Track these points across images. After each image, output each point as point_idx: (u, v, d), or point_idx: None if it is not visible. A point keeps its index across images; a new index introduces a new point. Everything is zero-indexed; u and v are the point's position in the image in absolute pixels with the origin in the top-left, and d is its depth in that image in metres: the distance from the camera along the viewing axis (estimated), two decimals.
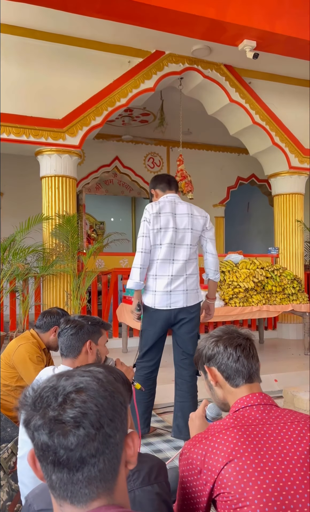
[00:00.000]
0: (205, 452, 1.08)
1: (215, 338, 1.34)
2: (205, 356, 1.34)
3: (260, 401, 1.21)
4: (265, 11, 4.47)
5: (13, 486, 1.94)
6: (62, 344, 1.92)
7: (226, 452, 1.05)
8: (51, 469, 0.71)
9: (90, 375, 0.76)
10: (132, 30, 4.85)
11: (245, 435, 1.08)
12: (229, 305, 4.90)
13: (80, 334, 1.90)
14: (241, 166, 9.76)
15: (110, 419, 0.72)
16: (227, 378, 1.29)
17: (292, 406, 3.31)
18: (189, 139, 8.93)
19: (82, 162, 8.19)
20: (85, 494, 0.71)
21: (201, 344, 1.37)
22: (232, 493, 1.02)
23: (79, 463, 0.70)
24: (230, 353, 1.29)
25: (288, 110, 6.29)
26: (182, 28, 4.50)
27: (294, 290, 5.26)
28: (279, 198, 6.62)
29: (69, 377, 0.75)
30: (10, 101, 4.97)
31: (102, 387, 0.74)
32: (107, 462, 0.72)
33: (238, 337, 1.33)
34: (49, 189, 5.30)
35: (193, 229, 2.87)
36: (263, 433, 1.09)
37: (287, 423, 1.13)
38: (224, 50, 5.24)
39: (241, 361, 1.28)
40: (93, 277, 5.33)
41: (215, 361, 1.31)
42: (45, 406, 0.71)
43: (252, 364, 1.29)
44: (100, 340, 1.96)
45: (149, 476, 1.07)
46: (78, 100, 5.25)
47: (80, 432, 0.69)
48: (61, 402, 0.70)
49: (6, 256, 4.97)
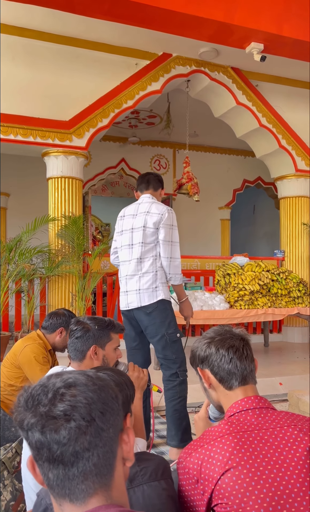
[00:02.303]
0: (201, 462, 1.06)
1: (207, 340, 1.31)
2: (198, 358, 1.31)
3: (255, 405, 1.17)
4: (273, 14, 4.47)
5: (17, 486, 1.94)
6: (70, 346, 1.90)
7: (222, 462, 1.03)
8: (47, 467, 0.72)
9: (80, 372, 0.78)
10: (140, 32, 4.87)
11: (241, 442, 1.06)
12: (234, 307, 4.89)
13: (85, 338, 1.86)
14: (247, 168, 9.75)
15: (101, 412, 0.72)
16: (220, 380, 1.26)
17: (297, 410, 3.29)
18: (195, 141, 8.94)
19: (89, 164, 8.21)
20: (82, 490, 0.71)
21: (194, 345, 1.35)
22: (229, 504, 1.00)
23: (74, 458, 0.70)
24: (222, 355, 1.26)
25: (295, 113, 6.28)
26: (190, 30, 4.51)
27: (300, 293, 5.24)
28: (285, 201, 6.61)
29: (59, 375, 0.76)
30: (17, 102, 5.00)
31: (91, 381, 0.75)
32: (101, 456, 0.72)
33: (230, 338, 1.29)
34: (55, 190, 5.31)
35: (145, 227, 2.75)
36: (259, 439, 1.07)
37: (283, 427, 1.10)
38: (231, 53, 5.25)
39: (234, 362, 1.24)
40: (99, 279, 5.33)
41: (208, 363, 1.28)
42: (36, 404, 0.72)
43: (246, 365, 1.25)
44: (108, 345, 1.90)
45: (156, 472, 1.10)
46: (85, 102, 5.27)
47: (71, 425, 0.69)
48: (51, 397, 0.71)
49: (12, 256, 4.99)
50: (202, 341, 1.32)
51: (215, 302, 4.85)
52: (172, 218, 2.76)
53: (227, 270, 5.24)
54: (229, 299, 4.93)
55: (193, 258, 6.95)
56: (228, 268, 5.26)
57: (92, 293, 5.38)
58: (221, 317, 4.73)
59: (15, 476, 1.98)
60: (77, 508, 0.72)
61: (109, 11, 4.17)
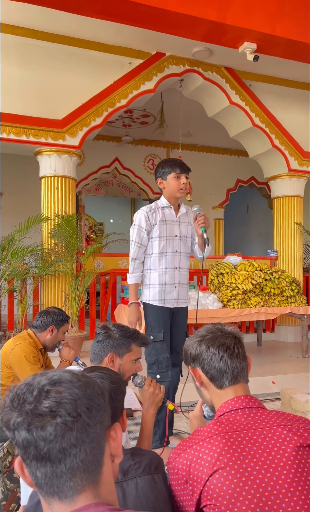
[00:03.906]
0: (190, 462, 1.06)
1: (198, 338, 1.29)
2: (189, 356, 1.30)
3: (245, 405, 1.17)
4: (266, 13, 4.48)
5: (9, 486, 1.93)
6: (91, 348, 1.90)
7: (210, 462, 1.03)
8: (34, 466, 0.71)
9: (65, 370, 0.78)
10: (133, 31, 4.86)
11: (230, 443, 1.05)
12: (227, 307, 4.90)
13: (105, 344, 1.84)
14: (241, 168, 9.77)
15: (87, 408, 0.72)
16: (211, 379, 1.25)
17: (289, 408, 3.30)
18: (188, 141, 8.95)
19: (82, 163, 8.19)
20: (71, 488, 0.71)
21: (186, 344, 1.33)
22: (217, 505, 1.00)
23: (61, 454, 0.70)
24: (213, 353, 1.24)
25: (288, 113, 6.30)
26: (183, 30, 4.51)
27: (293, 292, 5.26)
28: (278, 200, 6.63)
29: (44, 373, 0.76)
30: (10, 101, 4.98)
31: (76, 378, 0.75)
32: (89, 452, 0.72)
33: (221, 336, 1.27)
34: (48, 189, 5.30)
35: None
36: (248, 439, 1.06)
37: (273, 426, 1.09)
38: (225, 52, 5.26)
39: (225, 360, 1.23)
40: (92, 278, 5.32)
41: (199, 361, 1.27)
42: (21, 403, 0.71)
43: (237, 364, 1.24)
44: (127, 355, 1.85)
45: (150, 467, 1.13)
46: (78, 101, 5.26)
47: (57, 421, 0.69)
48: (37, 395, 0.71)
49: (5, 256, 4.97)
50: (193, 339, 1.30)
51: (208, 301, 4.85)
52: (136, 217, 2.85)
53: (220, 269, 5.25)
54: (222, 299, 4.94)
55: None
56: (221, 268, 5.26)
57: (85, 292, 5.37)
58: (214, 316, 4.74)
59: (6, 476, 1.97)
60: (66, 506, 0.71)
61: (102, 9, 4.16)
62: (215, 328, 1.31)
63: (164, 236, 2.81)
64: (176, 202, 2.91)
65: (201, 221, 2.80)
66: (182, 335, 2.92)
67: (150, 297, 2.82)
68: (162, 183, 2.87)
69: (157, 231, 2.81)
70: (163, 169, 2.86)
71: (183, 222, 2.91)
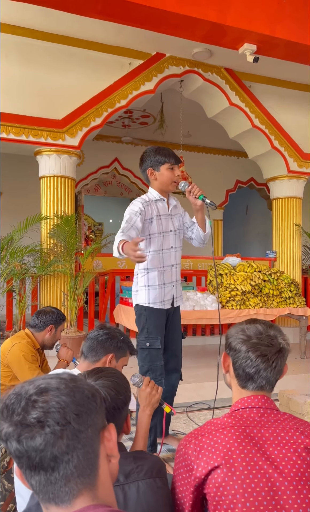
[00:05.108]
0: (199, 449, 1.08)
1: (244, 336, 1.22)
2: (228, 344, 1.26)
3: (261, 404, 1.17)
4: (266, 15, 4.48)
5: (6, 486, 1.93)
6: (87, 345, 1.87)
7: (220, 452, 1.04)
8: (29, 474, 0.72)
9: (53, 376, 0.77)
10: (133, 32, 4.87)
11: (242, 436, 1.07)
12: (226, 307, 4.90)
13: (108, 344, 1.85)
14: (240, 169, 9.78)
15: (76, 414, 0.72)
16: (237, 376, 1.23)
17: (288, 409, 3.30)
18: (188, 141, 8.95)
19: (82, 163, 8.19)
20: (66, 493, 0.71)
21: (231, 331, 1.27)
22: (218, 494, 1.01)
23: (53, 463, 0.70)
24: (249, 358, 1.19)
25: (288, 114, 6.31)
26: (183, 30, 4.51)
27: (291, 293, 5.26)
28: (278, 202, 6.63)
29: (32, 381, 0.76)
30: (10, 100, 4.98)
31: (63, 384, 0.74)
32: (82, 457, 0.72)
33: (266, 346, 1.19)
34: (47, 189, 5.30)
35: None
36: (260, 436, 1.08)
37: (285, 427, 1.11)
38: (225, 54, 5.26)
39: (257, 369, 1.19)
40: (91, 278, 5.32)
41: (233, 356, 1.23)
42: (11, 413, 0.72)
43: (269, 376, 1.19)
44: (122, 360, 1.90)
45: (152, 470, 1.13)
46: (78, 101, 5.26)
47: (46, 431, 0.69)
48: (24, 406, 0.71)
49: (4, 255, 4.96)
50: (239, 334, 1.24)
51: (207, 302, 4.85)
52: (127, 210, 2.58)
53: (219, 270, 5.25)
54: (221, 299, 4.94)
55: (185, 258, 6.95)
56: (220, 269, 5.27)
57: (84, 292, 5.37)
58: (213, 317, 4.74)
59: (4, 476, 1.97)
60: (64, 510, 0.72)
61: (102, 10, 4.16)
62: (266, 334, 1.22)
63: (161, 232, 2.64)
64: (167, 195, 2.71)
65: (197, 190, 2.59)
66: (179, 336, 2.78)
67: (151, 300, 2.61)
68: (154, 174, 2.64)
69: (154, 227, 2.61)
70: (155, 158, 2.60)
71: (174, 215, 2.74)
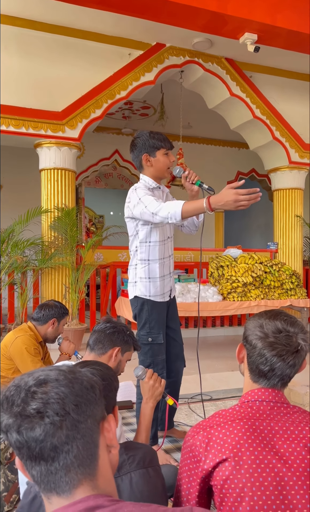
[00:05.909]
0: (208, 441, 1.08)
1: (261, 333, 1.17)
2: (245, 336, 1.21)
3: (271, 398, 1.15)
4: (266, 4, 4.44)
5: (10, 477, 1.95)
6: (94, 338, 1.87)
7: (229, 445, 1.04)
8: (29, 465, 0.73)
9: (52, 368, 0.79)
10: (133, 22, 4.82)
11: (252, 429, 1.06)
12: (227, 299, 4.91)
13: (115, 337, 1.85)
14: (241, 160, 9.73)
15: (75, 405, 0.73)
16: (250, 369, 1.20)
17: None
18: (189, 132, 8.90)
19: (82, 155, 8.16)
20: (67, 483, 0.73)
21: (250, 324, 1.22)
22: (225, 487, 1.01)
23: (53, 453, 0.72)
24: (264, 356, 1.15)
25: (289, 104, 6.26)
26: (183, 20, 4.47)
27: (293, 285, 5.27)
28: (279, 193, 6.61)
29: (32, 373, 0.77)
30: (9, 92, 4.94)
31: (62, 376, 0.76)
32: (81, 448, 0.74)
33: (284, 346, 1.14)
34: (48, 181, 5.28)
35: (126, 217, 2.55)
36: (270, 429, 1.07)
37: (295, 421, 1.10)
38: (225, 43, 5.21)
39: (270, 368, 1.15)
40: (92, 271, 5.33)
41: (249, 349, 1.19)
42: (11, 405, 0.73)
43: (283, 374, 1.15)
44: (126, 354, 1.91)
45: (144, 460, 1.13)
46: (78, 93, 5.22)
47: (45, 422, 0.71)
48: (24, 397, 0.73)
49: (5, 248, 4.97)
50: (257, 329, 1.19)
51: (208, 294, 4.86)
52: (137, 194, 2.39)
53: (220, 262, 5.25)
54: (222, 291, 4.95)
55: (186, 250, 6.95)
56: (221, 260, 5.27)
57: (85, 285, 5.38)
58: (214, 309, 4.75)
59: (8, 467, 1.99)
60: (65, 500, 0.73)
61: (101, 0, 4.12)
62: (285, 334, 1.16)
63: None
64: (160, 182, 2.58)
65: (193, 176, 2.46)
66: (178, 325, 2.70)
67: (152, 293, 2.48)
68: (150, 160, 2.48)
69: None
70: (149, 142, 2.44)
71: None
